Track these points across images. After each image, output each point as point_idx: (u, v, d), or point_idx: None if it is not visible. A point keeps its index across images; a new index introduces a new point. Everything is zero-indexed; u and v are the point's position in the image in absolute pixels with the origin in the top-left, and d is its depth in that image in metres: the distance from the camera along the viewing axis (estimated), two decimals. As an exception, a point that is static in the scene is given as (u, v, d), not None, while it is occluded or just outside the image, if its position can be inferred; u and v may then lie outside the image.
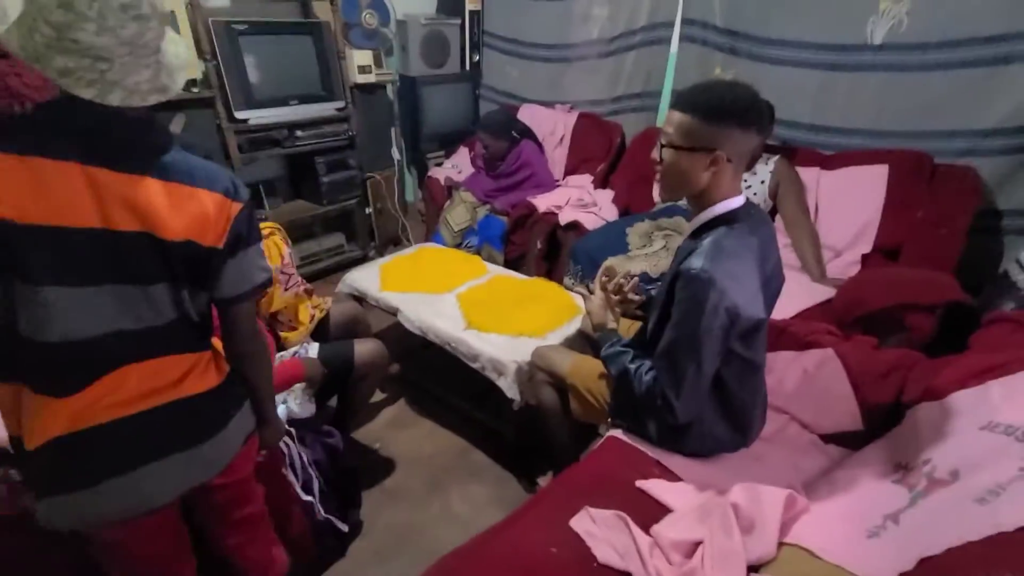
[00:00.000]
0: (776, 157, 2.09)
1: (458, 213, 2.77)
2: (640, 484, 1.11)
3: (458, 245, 2.71)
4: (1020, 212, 1.87)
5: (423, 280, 2.00)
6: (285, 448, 1.23)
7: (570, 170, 2.97)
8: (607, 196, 2.61)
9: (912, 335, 1.49)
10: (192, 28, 2.20)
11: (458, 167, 3.14)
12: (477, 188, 2.83)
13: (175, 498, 0.85)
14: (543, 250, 2.49)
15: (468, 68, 3.49)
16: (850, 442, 1.24)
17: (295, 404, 1.32)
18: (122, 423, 0.78)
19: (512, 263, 2.58)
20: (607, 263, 1.32)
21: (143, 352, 0.79)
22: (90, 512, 0.80)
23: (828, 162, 2.12)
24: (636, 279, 1.32)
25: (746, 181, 2.09)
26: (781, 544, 0.93)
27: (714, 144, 0.95)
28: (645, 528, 1.00)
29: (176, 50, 0.76)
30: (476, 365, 1.64)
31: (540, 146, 2.90)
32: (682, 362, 0.98)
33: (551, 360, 1.42)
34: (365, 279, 2.03)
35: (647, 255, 2.05)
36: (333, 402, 1.70)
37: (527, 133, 2.85)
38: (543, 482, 1.69)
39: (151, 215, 0.73)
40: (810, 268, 1.95)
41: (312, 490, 1.28)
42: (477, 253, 2.59)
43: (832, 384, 1.30)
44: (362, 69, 2.83)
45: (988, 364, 1.08)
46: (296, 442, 1.25)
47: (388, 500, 1.65)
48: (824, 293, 1.78)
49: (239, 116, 2.44)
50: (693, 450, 1.16)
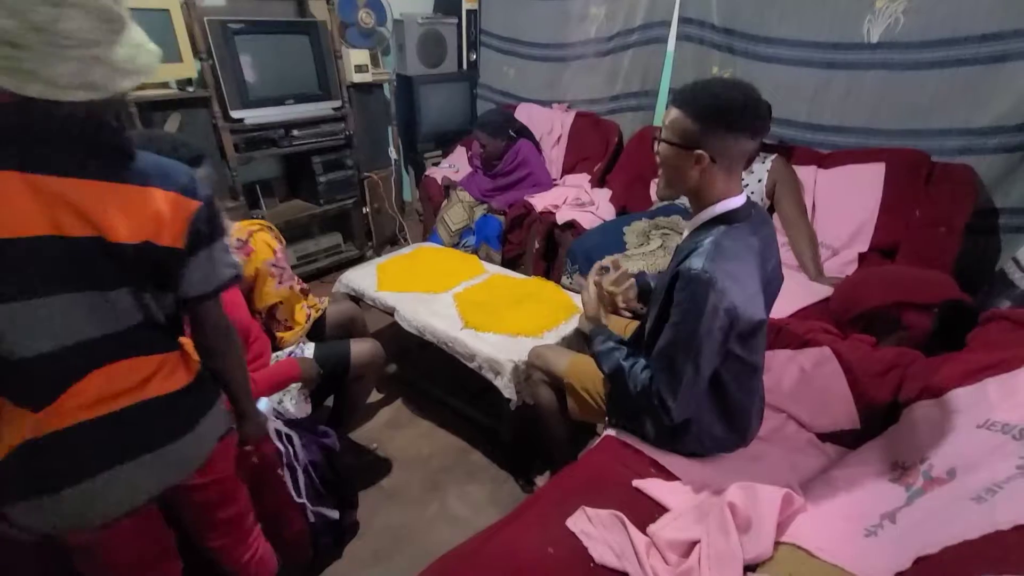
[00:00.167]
0: (773, 156, 2.09)
1: (455, 212, 2.77)
2: (637, 484, 1.11)
3: (455, 245, 2.71)
4: (1017, 210, 1.88)
5: (420, 280, 2.00)
6: (281, 448, 1.22)
7: (567, 169, 2.97)
8: (604, 195, 2.61)
9: (909, 333, 1.49)
10: (187, 27, 2.19)
11: (455, 166, 3.14)
12: (474, 187, 2.82)
13: (145, 501, 0.83)
14: (541, 249, 2.48)
15: (465, 67, 3.48)
16: (847, 441, 1.24)
17: (291, 404, 1.32)
18: (86, 426, 0.77)
19: (510, 262, 2.58)
20: (605, 260, 1.31)
21: (107, 356, 0.78)
22: (55, 518, 0.78)
23: (825, 161, 2.12)
24: (632, 280, 1.32)
25: (743, 180, 2.09)
26: (778, 543, 0.93)
27: (700, 143, 0.95)
28: (642, 528, 1.00)
29: (131, 54, 0.71)
30: (473, 365, 1.63)
31: (537, 145, 2.90)
32: (680, 362, 0.97)
33: (548, 359, 1.42)
34: (362, 279, 2.02)
35: (644, 254, 2.05)
36: (330, 402, 1.69)
37: (524, 132, 2.85)
38: (540, 482, 1.69)
39: (100, 219, 0.71)
40: (807, 267, 1.95)
41: (300, 489, 1.27)
42: (474, 252, 2.59)
43: (829, 383, 1.30)
44: (359, 68, 2.82)
45: (985, 362, 1.08)
46: (285, 438, 1.24)
47: (385, 500, 1.64)
48: (821, 292, 1.78)
49: (235, 116, 2.43)
50: (690, 450, 1.16)
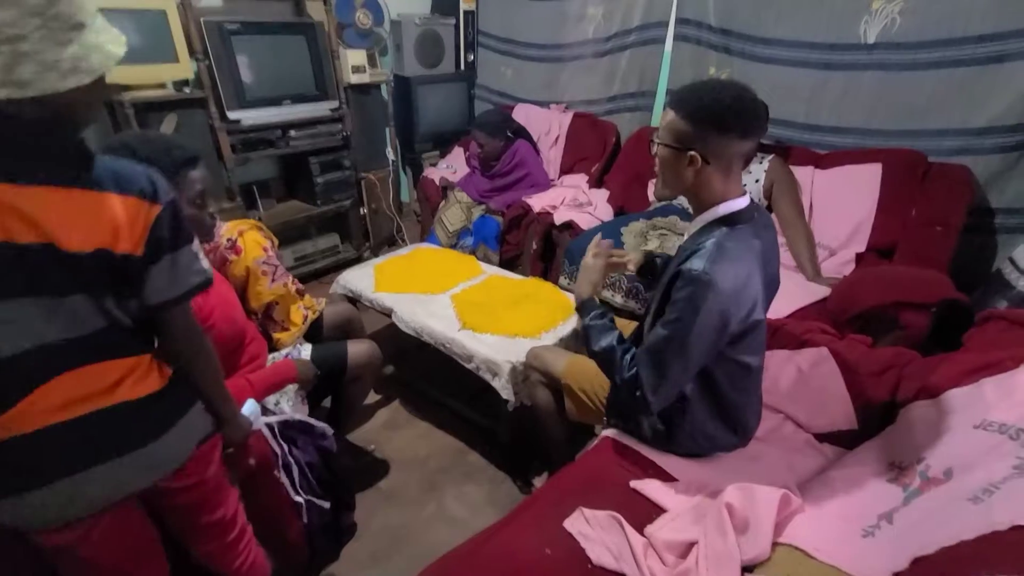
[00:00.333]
0: (771, 156, 2.10)
1: (453, 213, 2.77)
2: (634, 484, 1.11)
3: (453, 245, 2.71)
4: (1013, 210, 1.88)
5: (418, 281, 2.00)
6: (277, 449, 1.22)
7: (565, 170, 2.97)
8: (602, 196, 2.61)
9: (906, 333, 1.49)
10: (184, 27, 2.18)
11: (453, 167, 3.14)
12: (472, 188, 2.82)
13: (113, 503, 0.83)
14: (538, 250, 2.48)
15: (463, 68, 3.48)
16: (845, 441, 1.24)
17: (287, 406, 1.31)
18: (54, 430, 0.76)
19: (507, 263, 2.58)
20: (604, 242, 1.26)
21: (74, 360, 0.77)
22: (18, 519, 0.78)
23: (822, 161, 2.12)
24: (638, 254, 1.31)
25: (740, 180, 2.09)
26: (775, 544, 0.93)
27: (691, 144, 0.95)
28: (639, 529, 1.00)
29: (80, 53, 0.69)
30: (471, 366, 1.63)
31: (535, 146, 2.90)
32: (669, 359, 0.97)
33: (546, 360, 1.42)
34: (359, 280, 2.02)
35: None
36: (327, 403, 1.69)
37: (522, 133, 2.84)
38: (538, 483, 1.69)
39: (51, 227, 0.69)
40: (805, 267, 1.95)
41: (296, 488, 1.26)
42: (472, 253, 2.58)
43: (827, 383, 1.30)
44: (356, 69, 2.81)
45: (981, 362, 1.08)
46: (278, 435, 1.23)
47: (383, 502, 1.64)
48: (819, 292, 1.79)
49: (232, 117, 2.42)
50: (687, 450, 1.16)
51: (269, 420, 1.23)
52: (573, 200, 2.57)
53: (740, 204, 1.00)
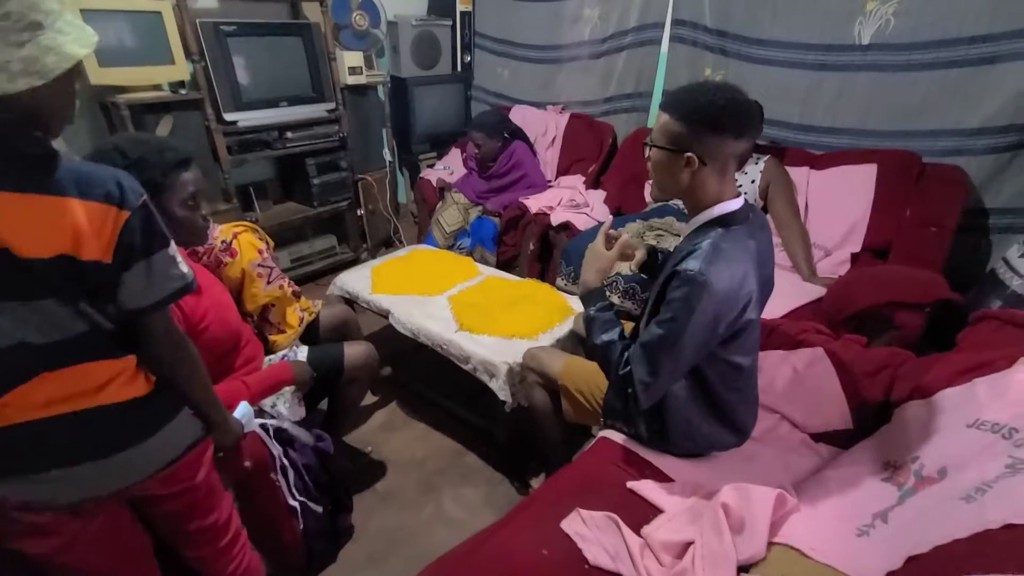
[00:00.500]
0: (766, 157, 2.11)
1: (450, 214, 2.77)
2: (631, 485, 1.11)
3: (450, 246, 2.71)
4: (1006, 210, 1.89)
5: (414, 282, 2.00)
6: (274, 451, 1.21)
7: (562, 171, 2.97)
8: (599, 197, 2.61)
9: (901, 333, 1.50)
10: (179, 29, 2.18)
11: (450, 168, 3.14)
12: (469, 189, 2.82)
13: (92, 500, 0.82)
14: (535, 251, 2.48)
15: (459, 69, 3.48)
16: (840, 441, 1.24)
17: (284, 407, 1.31)
18: (29, 426, 0.75)
19: (504, 264, 2.58)
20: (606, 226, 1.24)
21: (57, 361, 0.76)
22: None
23: (817, 162, 2.13)
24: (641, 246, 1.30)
25: (736, 181, 2.09)
26: (771, 544, 0.93)
27: (687, 146, 0.96)
28: (636, 529, 1.00)
29: (34, 55, 0.67)
30: (468, 367, 1.63)
31: (531, 147, 2.90)
32: (662, 358, 0.98)
33: (543, 361, 1.42)
34: (356, 281, 2.02)
35: (638, 255, 2.05)
36: (324, 405, 1.69)
37: (518, 134, 2.85)
38: (536, 483, 1.69)
39: (4, 232, 0.67)
40: (800, 267, 1.95)
41: (292, 491, 1.26)
42: (469, 254, 2.59)
43: (822, 383, 1.31)
44: (353, 70, 2.81)
45: (974, 362, 1.09)
46: (273, 436, 1.23)
47: (380, 503, 1.64)
48: (814, 292, 1.79)
49: (228, 118, 2.42)
50: (684, 450, 1.16)
51: (264, 422, 1.22)
52: (570, 201, 2.57)
53: (735, 205, 1.01)
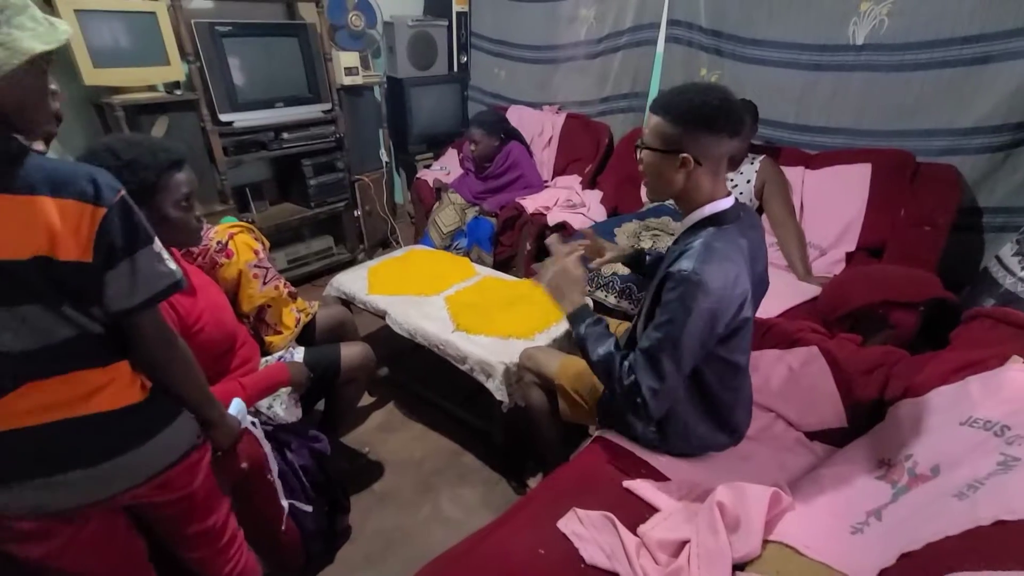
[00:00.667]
0: (762, 157, 2.11)
1: (447, 215, 2.77)
2: (627, 484, 1.11)
3: (447, 247, 2.71)
4: (1000, 209, 1.91)
5: (411, 282, 2.00)
6: (270, 454, 1.21)
7: (558, 171, 2.98)
8: (595, 197, 2.62)
9: (896, 332, 1.51)
10: (174, 29, 2.17)
11: (446, 169, 3.14)
12: (465, 190, 2.82)
13: (80, 508, 0.81)
14: (532, 251, 2.49)
15: (456, 70, 3.48)
16: (835, 439, 1.25)
17: (281, 409, 1.31)
18: (14, 434, 0.74)
19: (501, 264, 2.58)
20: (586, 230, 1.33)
21: (44, 369, 0.74)
22: None
23: (812, 161, 2.14)
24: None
25: (732, 181, 2.11)
26: (766, 542, 0.94)
27: (683, 147, 0.96)
28: (632, 528, 1.00)
29: None
30: (465, 367, 1.63)
31: (528, 148, 2.91)
32: (664, 362, 0.97)
33: (539, 361, 1.42)
34: (353, 282, 2.02)
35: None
36: (321, 406, 1.69)
37: (515, 135, 2.85)
38: (533, 483, 1.69)
39: None
40: (796, 266, 1.96)
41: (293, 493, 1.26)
42: (466, 255, 2.59)
43: (817, 382, 1.32)
44: (349, 71, 2.81)
45: (967, 360, 1.10)
46: (270, 437, 1.23)
47: (377, 504, 1.64)
48: (809, 291, 1.80)
49: (224, 119, 2.42)
50: (679, 450, 1.17)
51: (255, 420, 1.22)
52: (566, 201, 2.58)
53: (726, 204, 1.01)
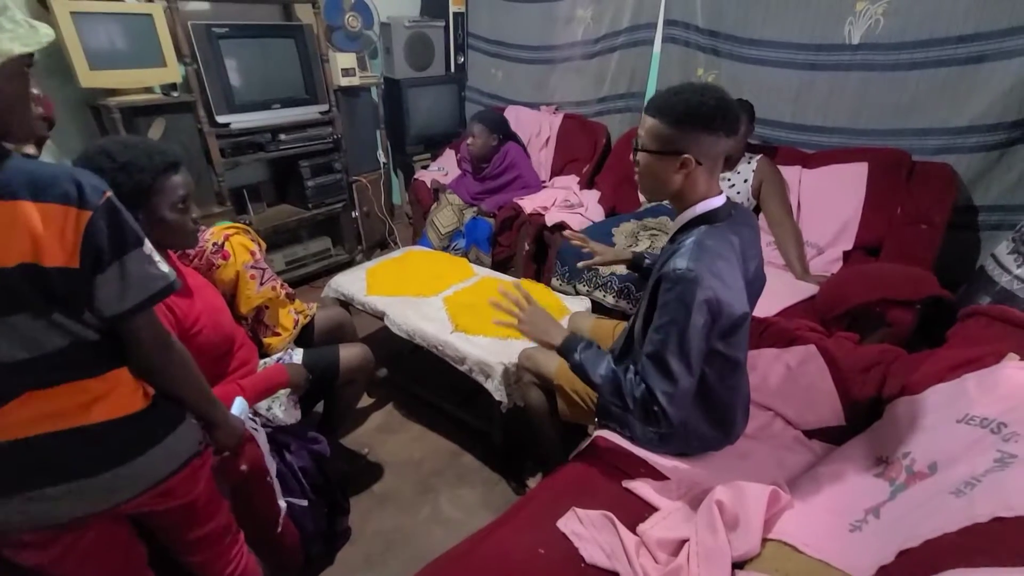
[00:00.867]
0: (759, 156, 2.12)
1: (445, 215, 2.77)
2: (627, 484, 1.12)
3: (445, 248, 2.71)
4: (995, 207, 1.92)
5: (410, 283, 2.00)
6: (268, 455, 1.21)
7: (556, 171, 2.98)
8: (593, 197, 2.62)
9: (893, 330, 1.52)
10: (171, 31, 2.17)
11: (444, 169, 3.14)
12: (463, 190, 2.83)
13: (82, 519, 0.81)
14: (530, 251, 2.49)
15: (453, 70, 3.48)
16: (833, 437, 1.26)
17: (280, 411, 1.31)
18: (11, 445, 0.73)
19: (500, 265, 2.58)
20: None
21: (39, 381, 0.72)
22: None
23: (809, 160, 2.15)
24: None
25: (729, 180, 2.12)
26: (765, 540, 0.94)
27: (682, 148, 0.96)
28: (632, 527, 1.01)
29: None
30: (463, 368, 1.63)
31: (525, 150, 2.91)
32: (672, 363, 0.96)
33: (538, 361, 1.42)
34: (351, 283, 2.01)
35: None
36: (319, 408, 1.68)
37: (513, 137, 2.86)
38: (532, 483, 1.69)
39: None
40: (793, 265, 1.97)
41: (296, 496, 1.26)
42: (464, 255, 2.59)
43: (815, 380, 1.32)
44: (346, 72, 2.81)
45: (964, 358, 1.10)
46: (264, 440, 1.23)
47: (377, 505, 1.64)
48: (807, 290, 1.81)
49: (221, 120, 2.41)
50: (679, 450, 1.17)
51: (255, 425, 1.22)
52: (564, 201, 2.58)
53: (717, 202, 1.02)
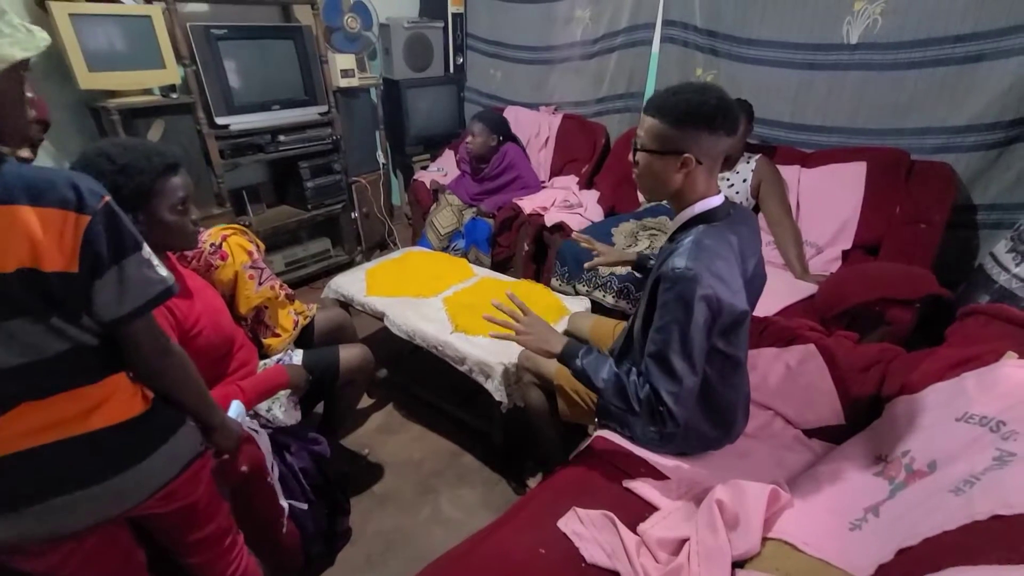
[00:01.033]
0: (758, 156, 2.12)
1: (444, 216, 2.77)
2: (627, 484, 1.12)
3: (445, 248, 2.71)
4: (994, 206, 1.92)
5: (409, 284, 2.00)
6: (269, 456, 1.21)
7: (555, 171, 2.99)
8: (592, 197, 2.62)
9: (892, 329, 1.52)
10: (170, 33, 2.17)
11: (443, 170, 3.14)
12: (462, 191, 2.83)
13: (76, 530, 0.80)
14: (530, 252, 2.49)
15: (452, 71, 3.49)
16: (833, 436, 1.26)
17: (280, 412, 1.31)
18: (13, 458, 0.72)
19: (499, 265, 2.59)
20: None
21: (37, 387, 0.72)
22: None
23: (808, 160, 2.15)
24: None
25: (728, 180, 2.12)
26: (765, 539, 0.94)
27: (683, 147, 0.96)
28: (632, 527, 1.01)
29: None
30: (463, 368, 1.64)
31: (524, 151, 2.91)
32: (675, 362, 0.96)
33: (538, 361, 1.43)
34: (351, 284, 2.02)
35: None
36: (319, 409, 1.69)
37: (512, 138, 2.86)
38: (533, 483, 1.69)
39: None
40: (792, 265, 1.97)
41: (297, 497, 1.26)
42: (464, 256, 2.59)
43: (814, 379, 1.32)
44: (345, 73, 2.81)
45: (963, 357, 1.10)
46: (267, 443, 1.23)
47: (377, 506, 1.64)
48: (806, 289, 1.81)
49: (220, 122, 2.41)
50: (679, 450, 1.17)
51: (257, 428, 1.22)
52: (564, 202, 2.58)
53: (716, 202, 1.02)
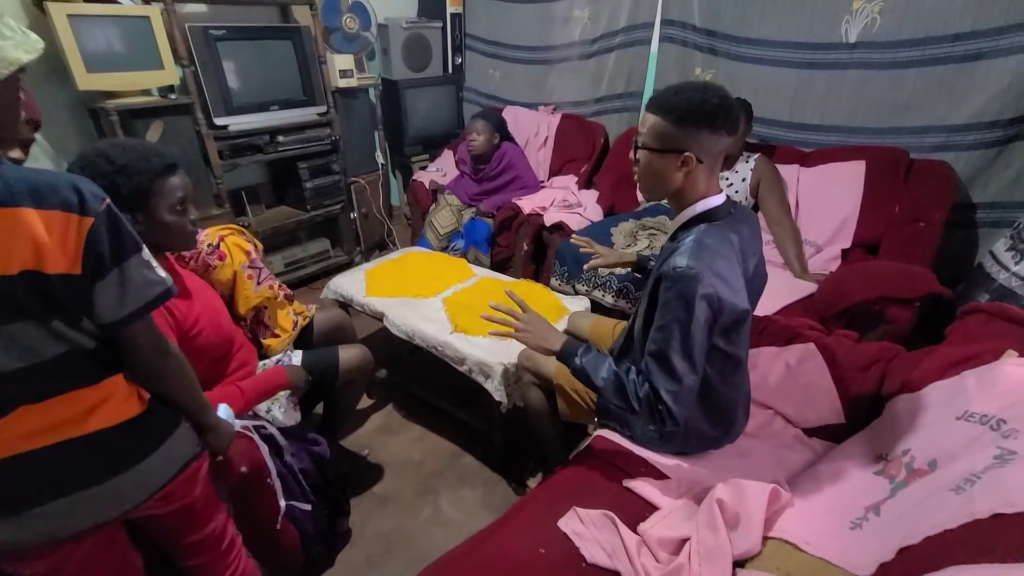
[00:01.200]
0: (757, 155, 2.12)
1: (443, 216, 2.77)
2: (627, 483, 1.12)
3: (444, 248, 2.71)
4: (993, 205, 1.92)
5: (409, 284, 2.00)
6: (268, 458, 1.21)
7: (554, 171, 2.99)
8: (591, 196, 2.62)
9: (892, 328, 1.52)
10: (168, 34, 2.17)
11: (442, 170, 3.14)
12: (462, 191, 2.83)
13: (83, 532, 0.80)
14: (529, 251, 2.49)
15: (451, 71, 3.48)
16: (833, 435, 1.26)
17: (279, 412, 1.30)
18: (11, 461, 0.72)
19: (499, 265, 2.59)
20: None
21: (34, 390, 0.72)
22: None
23: (807, 159, 2.15)
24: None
25: (727, 179, 2.12)
26: (766, 538, 0.94)
27: (684, 146, 0.96)
28: (633, 527, 1.01)
29: None
30: (463, 368, 1.63)
31: (522, 152, 2.91)
32: (675, 361, 0.96)
33: (537, 361, 1.42)
34: (350, 285, 2.01)
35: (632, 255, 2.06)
36: (319, 409, 1.68)
37: (510, 139, 2.86)
38: (533, 483, 1.69)
39: None
40: (792, 264, 1.97)
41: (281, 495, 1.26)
42: (463, 256, 2.59)
43: (814, 378, 1.32)
44: (343, 73, 2.81)
45: (963, 355, 1.10)
46: (266, 441, 1.23)
47: (377, 507, 1.64)
48: (806, 288, 1.81)
49: (219, 123, 2.41)
50: (679, 450, 1.17)
51: (252, 423, 1.22)
52: (563, 201, 2.58)
53: (717, 201, 1.02)
